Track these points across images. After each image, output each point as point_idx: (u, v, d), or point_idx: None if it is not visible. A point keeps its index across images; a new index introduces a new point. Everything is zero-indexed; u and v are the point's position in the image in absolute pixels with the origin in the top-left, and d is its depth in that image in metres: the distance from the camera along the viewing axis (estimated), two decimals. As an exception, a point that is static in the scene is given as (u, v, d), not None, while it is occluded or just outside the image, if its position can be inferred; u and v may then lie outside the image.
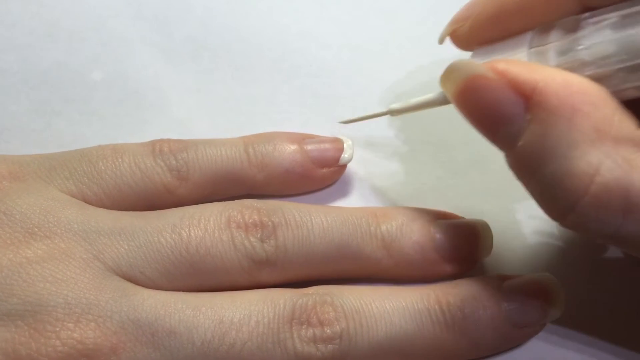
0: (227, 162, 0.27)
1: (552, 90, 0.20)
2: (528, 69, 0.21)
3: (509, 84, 0.21)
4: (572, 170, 0.20)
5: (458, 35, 0.26)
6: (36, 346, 0.21)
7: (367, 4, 0.34)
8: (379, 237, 0.26)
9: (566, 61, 0.22)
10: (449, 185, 0.30)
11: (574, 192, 0.20)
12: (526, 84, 0.21)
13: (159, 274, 0.24)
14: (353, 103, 0.31)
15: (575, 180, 0.20)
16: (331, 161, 0.28)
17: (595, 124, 0.20)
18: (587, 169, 0.20)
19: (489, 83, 0.21)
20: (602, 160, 0.20)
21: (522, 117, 0.21)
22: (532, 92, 0.21)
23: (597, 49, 0.21)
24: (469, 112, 0.22)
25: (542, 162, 0.21)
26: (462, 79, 0.22)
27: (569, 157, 0.20)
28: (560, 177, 0.20)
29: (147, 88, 0.31)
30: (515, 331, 0.25)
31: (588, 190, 0.20)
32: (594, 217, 0.20)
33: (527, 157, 0.21)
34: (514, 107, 0.21)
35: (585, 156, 0.20)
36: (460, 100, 0.22)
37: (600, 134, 0.20)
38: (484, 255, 0.27)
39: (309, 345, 0.23)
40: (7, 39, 0.31)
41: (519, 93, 0.21)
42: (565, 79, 0.21)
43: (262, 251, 0.25)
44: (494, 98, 0.21)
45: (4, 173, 0.25)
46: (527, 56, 0.23)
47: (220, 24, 0.33)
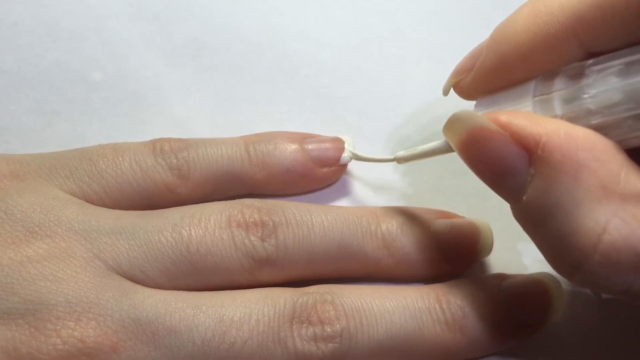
0: (228, 161, 0.27)
1: (555, 144, 0.20)
2: (531, 122, 0.21)
3: (512, 137, 0.21)
4: (579, 228, 0.19)
5: (461, 87, 0.26)
6: (37, 345, 0.21)
7: (367, 4, 0.34)
8: (379, 237, 0.26)
9: (572, 110, 0.21)
10: (449, 185, 0.30)
11: (581, 250, 0.19)
12: (530, 137, 0.20)
13: (160, 273, 0.24)
14: (353, 103, 0.31)
15: (583, 239, 0.19)
16: (332, 160, 0.28)
17: (602, 181, 0.19)
18: (595, 228, 0.19)
19: (491, 135, 0.21)
20: (610, 218, 0.19)
21: (526, 171, 0.20)
22: (535, 146, 0.20)
23: (603, 97, 0.20)
24: (472, 164, 0.22)
25: (547, 217, 0.20)
26: (464, 130, 0.22)
27: (574, 215, 0.19)
28: (566, 234, 0.20)
29: (147, 88, 0.31)
30: (515, 330, 0.25)
31: (596, 249, 0.19)
32: (603, 276, 0.20)
33: (532, 211, 0.21)
34: (517, 160, 0.21)
35: (591, 214, 0.19)
36: (463, 151, 0.22)
37: (607, 191, 0.19)
38: (484, 254, 0.27)
39: (309, 344, 0.23)
40: (7, 38, 0.31)
41: (523, 146, 0.20)
42: (569, 132, 0.20)
43: (263, 250, 0.25)
44: (497, 151, 0.21)
45: (5, 172, 0.25)
46: (532, 105, 0.22)
47: (220, 24, 0.33)
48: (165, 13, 0.33)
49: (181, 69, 0.32)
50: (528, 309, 0.25)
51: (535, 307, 0.25)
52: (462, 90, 0.26)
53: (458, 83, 0.26)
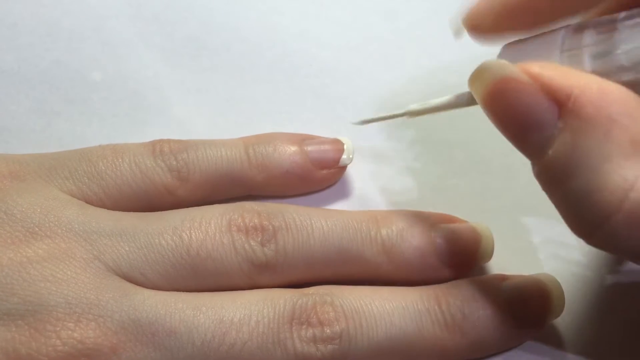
0: (227, 163, 0.27)
1: (588, 98, 0.19)
2: (564, 75, 0.20)
3: (542, 89, 0.20)
4: (605, 184, 0.19)
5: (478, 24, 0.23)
6: (36, 346, 0.21)
7: (367, 4, 0.34)
8: (379, 242, 0.26)
9: (602, 66, 0.20)
10: (449, 185, 0.30)
11: (606, 208, 0.19)
12: (561, 90, 0.19)
13: (160, 275, 0.24)
14: (353, 103, 0.31)
15: (608, 195, 0.19)
16: (331, 162, 0.28)
17: (633, 137, 0.19)
18: (622, 184, 0.18)
19: (521, 86, 0.20)
20: (638, 175, 0.18)
21: (554, 125, 0.20)
22: (567, 99, 0.19)
23: (636, 53, 0.19)
24: (497, 116, 0.21)
25: (572, 173, 0.19)
26: (493, 80, 0.21)
27: (602, 170, 0.19)
28: (591, 191, 0.19)
29: (147, 88, 0.31)
30: (515, 331, 0.25)
31: (621, 206, 0.18)
32: (625, 236, 0.19)
33: (556, 167, 0.20)
34: (546, 113, 0.20)
35: (620, 170, 0.18)
36: (489, 102, 0.21)
37: (638, 147, 0.19)
38: (484, 260, 0.27)
39: (309, 345, 0.23)
40: (7, 38, 0.31)
41: (553, 99, 0.20)
42: (602, 87, 0.19)
43: (262, 255, 0.25)
44: (526, 102, 0.20)
45: (4, 172, 0.25)
46: (560, 59, 0.21)
47: (220, 24, 0.33)
48: (165, 13, 0.33)
49: (181, 69, 0.32)
50: (528, 310, 0.25)
51: (535, 308, 0.25)
52: (481, 28, 0.23)
53: (471, 17, 0.23)
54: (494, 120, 0.21)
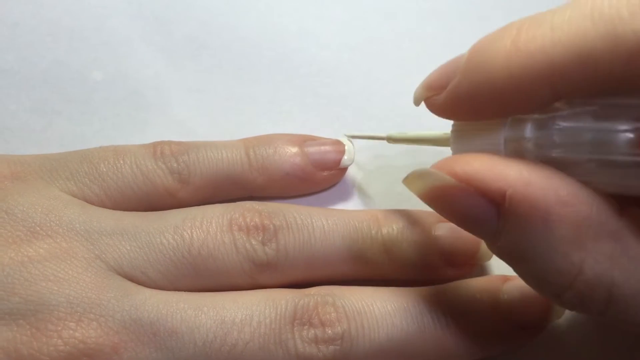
0: (228, 165, 0.27)
1: (522, 196, 0.19)
2: (496, 173, 0.20)
3: (478, 192, 0.20)
4: (555, 270, 0.19)
5: (433, 104, 0.24)
6: (38, 345, 0.21)
7: (367, 4, 0.34)
8: (379, 241, 0.26)
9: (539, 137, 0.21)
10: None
11: (558, 288, 0.20)
12: (496, 191, 0.20)
13: (161, 275, 0.24)
14: (353, 103, 0.31)
15: (559, 279, 0.19)
16: (332, 164, 0.28)
17: (572, 224, 0.19)
18: (570, 269, 0.19)
19: (458, 192, 0.20)
20: (584, 258, 0.19)
21: (496, 222, 0.20)
22: (502, 199, 0.20)
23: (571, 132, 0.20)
24: (441, 214, 0.22)
25: (522, 261, 0.20)
26: (428, 186, 0.21)
27: (550, 259, 0.19)
28: (543, 274, 0.20)
29: (147, 88, 0.31)
30: (516, 332, 0.25)
31: (572, 285, 0.19)
32: (579, 306, 0.20)
33: (507, 255, 0.21)
34: (485, 213, 0.20)
35: (566, 257, 0.19)
36: (430, 203, 0.22)
37: (579, 232, 0.19)
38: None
39: (310, 346, 0.23)
40: (7, 38, 0.31)
41: (489, 199, 0.20)
42: (537, 179, 0.20)
43: (264, 254, 0.25)
44: (464, 205, 0.20)
45: (6, 173, 0.25)
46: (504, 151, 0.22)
47: (220, 23, 0.33)
48: (166, 13, 0.33)
49: (181, 68, 0.32)
50: (529, 311, 0.25)
51: (536, 309, 0.25)
52: (434, 108, 0.25)
53: (430, 99, 0.24)
54: (441, 214, 0.22)
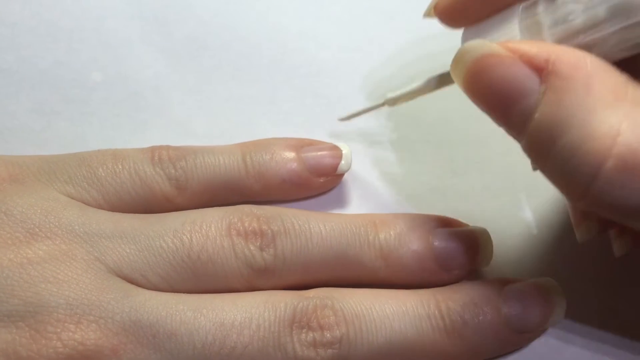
0: (225, 171, 0.27)
1: (565, 60, 0.20)
2: (538, 45, 0.21)
3: (521, 59, 0.20)
4: (593, 134, 0.19)
5: (442, 6, 0.25)
6: (37, 347, 0.21)
7: (367, 4, 0.34)
8: (377, 247, 0.26)
9: (559, 32, 0.21)
10: (449, 185, 0.30)
11: (596, 156, 0.19)
12: (539, 56, 0.20)
13: (160, 278, 0.24)
14: (353, 103, 0.31)
15: (597, 144, 0.19)
16: (329, 170, 0.28)
17: (612, 88, 0.19)
18: (608, 131, 0.19)
19: (501, 60, 0.21)
20: (623, 120, 0.19)
21: (537, 90, 0.20)
22: (545, 63, 0.20)
23: (588, 15, 0.21)
24: (480, 94, 0.21)
25: (559, 132, 0.20)
26: (473, 59, 0.21)
27: (587, 122, 0.19)
28: (580, 144, 0.19)
29: (147, 88, 0.31)
30: (515, 336, 0.25)
31: (611, 152, 0.19)
32: (619, 184, 0.19)
33: (543, 130, 0.20)
34: (528, 80, 0.20)
35: (605, 118, 0.19)
36: (471, 81, 0.22)
37: (618, 96, 0.19)
38: (483, 264, 0.27)
39: (309, 349, 0.23)
40: (7, 38, 0.31)
41: (533, 66, 0.20)
42: (575, 51, 0.20)
43: (261, 260, 0.25)
44: (508, 74, 0.21)
45: (4, 175, 0.25)
46: (519, 31, 0.22)
47: (220, 24, 0.33)
48: (165, 13, 0.33)
49: (181, 69, 0.32)
50: (529, 315, 0.25)
51: (536, 313, 0.25)
52: (443, 10, 0.25)
53: (439, 3, 0.25)
54: (478, 100, 0.22)
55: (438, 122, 0.31)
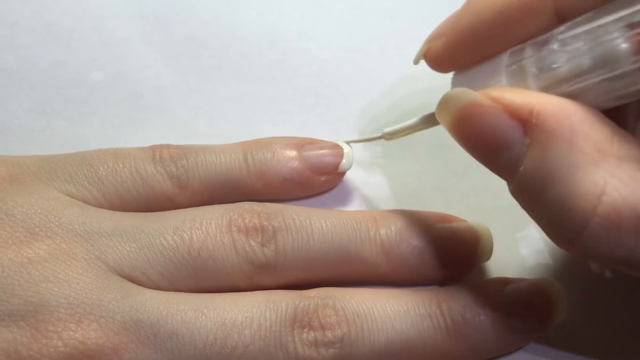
0: (226, 170, 0.27)
1: (549, 112, 0.20)
2: (522, 94, 0.21)
3: (505, 109, 0.21)
4: (578, 191, 0.19)
5: (432, 54, 0.25)
6: (38, 347, 0.21)
7: (367, 4, 0.34)
8: (378, 242, 0.26)
9: (544, 79, 0.21)
10: (449, 185, 0.30)
11: (581, 213, 0.19)
12: (523, 107, 0.20)
13: (161, 275, 0.24)
14: (353, 103, 0.31)
15: (582, 202, 0.19)
16: (330, 168, 0.28)
17: (596, 144, 0.19)
18: (593, 189, 0.19)
19: (485, 110, 0.21)
20: (607, 179, 0.19)
21: (521, 142, 0.20)
22: (529, 115, 0.20)
23: (573, 64, 0.20)
24: (466, 141, 0.22)
25: (545, 185, 0.20)
26: (457, 107, 0.22)
27: (572, 179, 0.19)
28: (565, 199, 0.20)
29: (147, 88, 0.31)
30: (516, 336, 0.25)
31: (596, 211, 0.19)
32: (605, 240, 0.19)
33: (530, 182, 0.21)
34: (512, 132, 0.20)
35: (589, 176, 0.19)
36: (457, 129, 0.22)
37: (603, 152, 0.19)
38: (483, 260, 0.27)
39: (310, 348, 0.23)
40: (7, 38, 0.31)
41: (516, 117, 0.20)
42: (559, 102, 0.20)
43: (262, 255, 0.25)
44: (492, 124, 0.21)
45: (4, 175, 0.25)
46: (506, 77, 0.22)
47: (220, 23, 0.33)
48: (166, 13, 0.33)
49: (181, 68, 0.32)
50: (530, 315, 0.25)
51: (537, 312, 0.25)
52: (432, 57, 0.25)
53: (429, 50, 0.25)
54: (464, 145, 0.22)
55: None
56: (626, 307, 0.27)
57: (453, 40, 0.24)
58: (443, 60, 0.25)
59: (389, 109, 0.32)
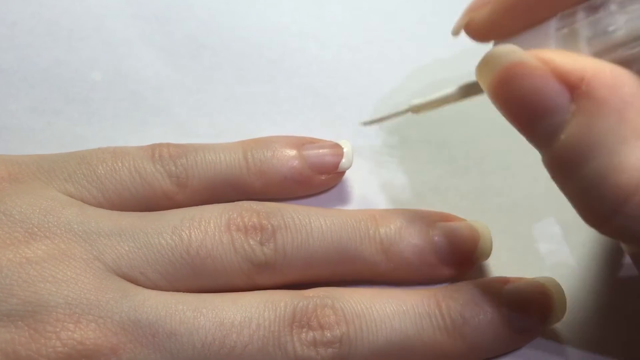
0: (226, 168, 0.27)
1: (601, 81, 0.19)
2: (575, 59, 0.20)
3: (554, 73, 0.19)
4: (622, 165, 0.18)
5: (475, 24, 0.24)
6: (36, 347, 0.21)
7: (367, 4, 0.34)
8: (377, 241, 0.26)
9: (598, 43, 0.20)
10: (449, 185, 0.30)
11: (623, 190, 0.18)
12: (573, 73, 0.19)
13: (160, 275, 0.24)
14: (353, 103, 0.31)
15: (624, 177, 0.18)
16: (330, 167, 0.28)
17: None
18: (638, 165, 0.18)
19: (532, 71, 0.20)
20: None
21: (566, 109, 0.19)
22: (579, 82, 0.19)
23: (630, 27, 0.19)
24: (506, 103, 0.20)
25: (585, 157, 0.19)
26: (502, 66, 0.20)
27: (617, 153, 0.18)
28: (606, 173, 0.19)
29: (147, 88, 0.31)
30: (515, 335, 0.25)
31: (638, 188, 0.18)
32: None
33: (569, 152, 0.19)
34: (558, 97, 0.19)
35: (635, 151, 0.18)
36: (498, 89, 0.20)
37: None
38: (483, 258, 0.27)
39: (309, 348, 0.23)
40: (7, 38, 0.31)
41: (565, 83, 0.19)
42: (613, 70, 0.19)
43: (262, 254, 0.25)
44: (537, 87, 0.19)
45: (3, 174, 0.25)
46: (555, 42, 0.21)
47: (220, 23, 0.33)
48: (165, 12, 0.33)
49: (181, 68, 0.32)
50: (529, 314, 0.25)
51: (536, 312, 0.25)
52: (476, 28, 0.24)
53: (471, 21, 0.24)
54: (503, 108, 0.21)
55: (438, 122, 0.31)
56: (627, 307, 0.27)
57: (499, 8, 0.23)
58: (487, 31, 0.23)
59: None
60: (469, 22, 0.24)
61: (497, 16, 0.23)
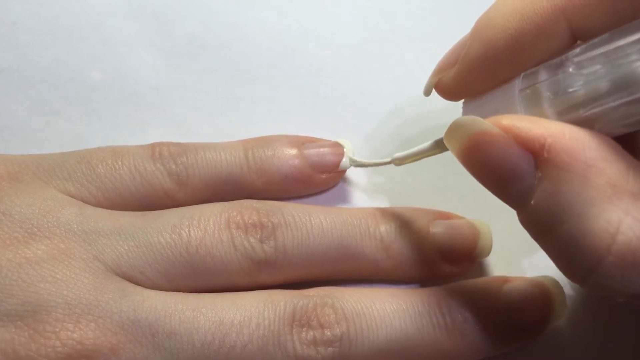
0: (227, 167, 0.27)
1: (562, 145, 0.19)
2: (534, 124, 0.20)
3: (516, 140, 0.20)
4: (591, 229, 0.19)
5: (443, 84, 0.25)
6: (36, 347, 0.21)
7: (367, 4, 0.34)
8: (377, 238, 0.26)
9: (560, 103, 0.20)
10: (449, 185, 0.30)
11: (595, 252, 0.19)
12: (534, 139, 0.20)
13: (159, 274, 0.24)
14: (353, 103, 0.31)
15: (596, 240, 0.19)
16: (331, 167, 0.28)
17: (611, 180, 0.19)
18: (607, 227, 0.18)
19: (495, 139, 0.20)
20: (622, 217, 0.18)
21: (533, 174, 0.20)
22: (541, 148, 0.19)
23: (590, 87, 0.20)
24: (475, 170, 0.21)
25: (556, 221, 0.19)
26: (467, 135, 0.21)
27: (586, 216, 0.19)
28: (578, 236, 0.19)
29: (146, 87, 0.31)
30: (515, 334, 0.25)
31: (610, 249, 0.18)
32: (618, 278, 0.19)
33: (541, 216, 0.20)
34: (523, 164, 0.20)
35: (603, 214, 0.19)
36: (466, 157, 0.21)
37: (617, 189, 0.19)
38: (483, 255, 0.27)
39: (309, 347, 0.23)
40: (6, 37, 0.31)
41: (528, 149, 0.20)
42: (573, 133, 0.19)
43: (262, 252, 0.25)
44: (502, 155, 0.20)
45: (3, 173, 0.25)
46: (519, 102, 0.22)
47: (220, 23, 0.33)
48: (165, 12, 0.33)
49: (181, 68, 0.32)
50: (529, 313, 0.25)
51: (536, 311, 0.25)
52: (444, 88, 0.25)
53: (440, 81, 0.25)
54: (474, 175, 0.21)
55: (438, 122, 0.31)
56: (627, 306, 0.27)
57: (465, 70, 0.24)
58: (455, 91, 0.25)
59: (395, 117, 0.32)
60: (438, 82, 0.25)
61: (462, 77, 0.24)
